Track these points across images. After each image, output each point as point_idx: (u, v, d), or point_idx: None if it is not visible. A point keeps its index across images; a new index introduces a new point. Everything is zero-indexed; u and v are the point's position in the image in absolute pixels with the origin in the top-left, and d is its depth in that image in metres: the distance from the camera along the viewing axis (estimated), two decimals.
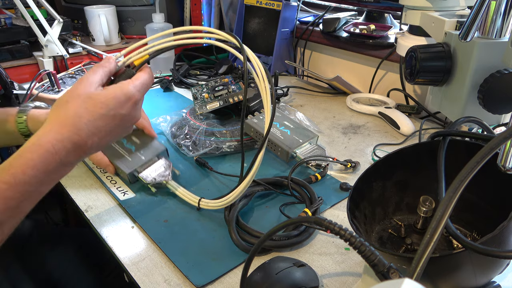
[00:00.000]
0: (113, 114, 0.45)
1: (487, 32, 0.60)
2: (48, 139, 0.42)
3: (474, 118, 0.51)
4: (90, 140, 0.44)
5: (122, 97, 0.46)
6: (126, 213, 0.62)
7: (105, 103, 0.45)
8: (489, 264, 0.40)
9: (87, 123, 0.44)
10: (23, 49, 1.11)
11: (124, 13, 1.29)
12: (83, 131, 0.43)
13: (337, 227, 0.34)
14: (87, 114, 0.44)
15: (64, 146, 0.43)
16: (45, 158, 0.42)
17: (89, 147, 0.45)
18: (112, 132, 0.47)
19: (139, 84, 0.48)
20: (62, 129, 0.43)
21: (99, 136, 0.45)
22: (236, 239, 0.54)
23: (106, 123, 0.45)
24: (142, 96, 0.49)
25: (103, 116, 0.45)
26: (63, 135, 0.43)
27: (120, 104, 0.46)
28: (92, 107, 0.44)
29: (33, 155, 0.41)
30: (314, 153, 0.73)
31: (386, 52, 1.01)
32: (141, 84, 0.48)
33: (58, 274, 0.77)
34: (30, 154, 0.41)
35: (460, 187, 0.30)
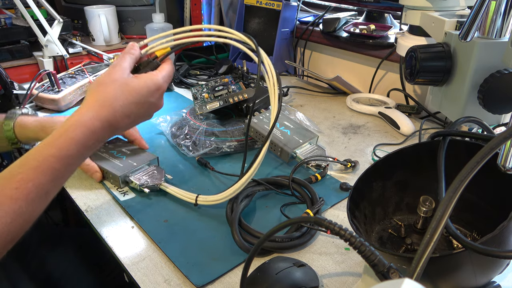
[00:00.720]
0: (144, 101, 0.52)
1: (487, 32, 0.60)
2: (89, 117, 0.48)
3: (474, 118, 0.51)
4: (123, 122, 0.51)
5: (152, 87, 0.53)
6: (126, 213, 0.62)
7: (139, 90, 0.51)
8: (489, 264, 0.40)
9: (122, 106, 0.50)
10: (23, 49, 1.11)
11: (124, 13, 1.29)
12: (118, 112, 0.50)
13: (337, 227, 0.34)
14: (123, 98, 0.50)
15: (102, 125, 0.49)
16: (85, 135, 0.47)
17: (120, 127, 0.51)
18: (140, 116, 0.54)
19: (166, 75, 0.55)
20: (101, 109, 0.49)
21: (130, 118, 0.52)
22: (239, 240, 0.54)
23: (138, 108, 0.52)
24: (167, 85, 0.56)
25: (136, 102, 0.51)
26: (101, 115, 0.49)
27: (151, 93, 0.53)
28: (127, 92, 0.51)
29: (76, 132, 0.47)
30: (314, 153, 0.73)
31: (386, 52, 1.01)
32: (168, 75, 0.55)
33: (58, 274, 0.77)
34: (74, 131, 0.47)
35: (460, 187, 0.30)
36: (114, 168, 0.68)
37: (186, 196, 0.63)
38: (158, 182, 0.65)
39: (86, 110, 0.49)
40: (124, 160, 0.70)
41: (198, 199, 0.61)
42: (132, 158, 0.71)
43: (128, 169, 0.68)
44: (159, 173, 0.67)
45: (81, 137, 0.47)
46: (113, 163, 0.70)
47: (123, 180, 0.67)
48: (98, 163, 0.69)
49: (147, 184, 0.65)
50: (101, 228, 0.59)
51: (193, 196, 0.62)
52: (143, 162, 0.69)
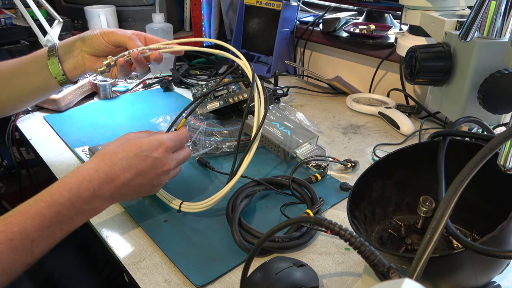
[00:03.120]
0: (146, 155, 0.52)
1: (487, 32, 0.60)
2: (86, 168, 0.48)
3: (474, 118, 0.51)
4: (123, 176, 0.50)
5: (154, 142, 0.53)
6: (126, 213, 0.62)
7: (139, 145, 0.52)
8: (489, 264, 0.40)
9: (121, 159, 0.50)
10: (23, 49, 1.10)
11: (124, 13, 1.29)
12: (116, 165, 0.49)
13: (337, 227, 0.34)
14: (122, 152, 0.51)
15: (99, 176, 0.48)
16: (80, 182, 0.47)
17: (121, 182, 0.50)
18: (144, 172, 0.52)
19: (172, 136, 0.56)
20: (99, 162, 0.49)
21: (131, 173, 0.50)
22: (239, 241, 0.54)
23: (138, 162, 0.51)
24: (174, 145, 0.56)
25: (136, 156, 0.51)
26: (99, 167, 0.49)
27: (152, 147, 0.53)
28: (128, 147, 0.52)
29: (70, 180, 0.47)
30: (314, 153, 0.73)
31: (386, 52, 1.01)
32: (174, 136, 0.56)
33: (58, 274, 0.77)
34: (68, 178, 0.47)
35: (460, 187, 0.30)
36: None
37: (171, 201, 0.61)
38: None
39: (87, 163, 0.50)
40: None
41: (182, 205, 0.60)
42: None
43: None
44: None
45: (74, 184, 0.46)
46: None
47: None
48: None
49: None
50: (101, 228, 0.59)
51: (178, 202, 0.61)
52: None
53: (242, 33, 1.28)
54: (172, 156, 0.56)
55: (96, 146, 0.74)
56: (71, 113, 0.96)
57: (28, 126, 0.90)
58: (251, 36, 1.26)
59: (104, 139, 0.84)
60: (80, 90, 1.00)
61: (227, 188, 0.58)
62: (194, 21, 1.38)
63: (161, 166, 0.53)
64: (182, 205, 0.60)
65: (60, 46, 0.67)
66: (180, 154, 0.58)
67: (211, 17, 1.40)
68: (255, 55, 1.25)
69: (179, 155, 0.58)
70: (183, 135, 0.58)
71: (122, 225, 0.60)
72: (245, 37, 1.28)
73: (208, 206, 0.58)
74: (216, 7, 1.37)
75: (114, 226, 0.60)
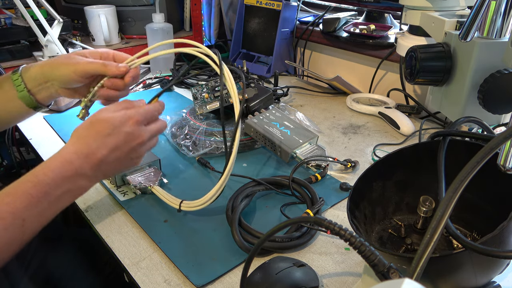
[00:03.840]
0: (118, 131, 0.53)
1: (487, 32, 0.60)
2: (66, 151, 0.51)
3: (474, 118, 0.51)
4: (99, 153, 0.51)
5: (123, 117, 0.53)
6: (126, 213, 0.62)
7: (109, 121, 0.53)
8: (489, 264, 0.40)
9: (96, 138, 0.52)
10: (23, 49, 1.10)
11: (124, 13, 1.29)
12: (92, 145, 0.51)
13: (337, 227, 0.34)
14: (95, 132, 0.52)
15: (78, 156, 0.50)
16: (62, 164, 0.49)
17: (99, 159, 0.51)
18: (118, 147, 0.53)
19: (142, 110, 0.56)
20: (76, 143, 0.52)
21: (107, 150, 0.52)
22: (239, 241, 0.54)
23: (111, 138, 0.52)
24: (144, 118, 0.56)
25: (109, 134, 0.52)
26: (76, 148, 0.51)
27: (121, 123, 0.53)
28: (98, 126, 0.53)
29: (52, 161, 0.49)
30: (314, 153, 0.73)
31: (386, 52, 1.01)
32: (143, 109, 0.56)
33: (58, 274, 0.77)
34: (50, 161, 0.50)
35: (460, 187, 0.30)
36: None
37: (171, 201, 0.62)
38: (151, 185, 0.65)
39: (64, 147, 0.52)
40: None
41: (182, 204, 0.60)
42: None
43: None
44: (155, 176, 0.67)
45: (57, 165, 0.49)
46: None
47: (119, 179, 0.67)
48: None
49: (139, 185, 0.65)
50: (101, 228, 0.59)
51: (178, 201, 0.61)
52: (143, 163, 0.69)
53: (242, 33, 1.28)
54: (145, 128, 0.56)
55: None
56: (71, 113, 0.96)
57: (28, 126, 0.90)
58: (251, 36, 1.26)
59: None
60: None
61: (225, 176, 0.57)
62: (194, 21, 1.38)
63: (134, 139, 0.54)
64: (181, 204, 0.60)
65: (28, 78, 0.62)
66: (153, 126, 0.58)
67: (211, 17, 1.40)
68: (255, 55, 1.25)
69: (152, 127, 0.58)
70: (154, 108, 0.58)
71: (122, 225, 0.60)
72: (245, 37, 1.28)
73: (208, 203, 0.58)
74: (216, 7, 1.37)
75: (114, 226, 0.60)
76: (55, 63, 0.61)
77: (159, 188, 0.65)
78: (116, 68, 0.59)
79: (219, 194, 0.58)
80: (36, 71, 0.62)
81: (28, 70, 0.62)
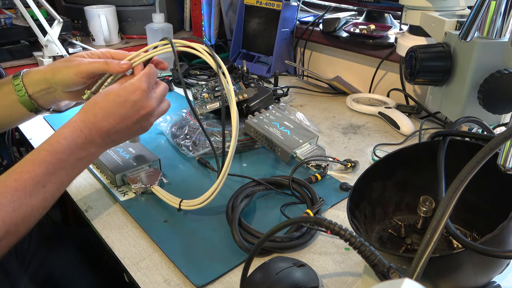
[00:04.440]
0: (124, 100, 0.54)
1: (487, 32, 0.60)
2: (74, 120, 0.54)
3: (474, 118, 0.51)
4: (107, 122, 0.54)
5: (130, 87, 0.55)
6: (126, 213, 0.62)
7: (116, 92, 0.55)
8: (489, 264, 0.40)
9: (102, 108, 0.54)
10: (23, 49, 1.11)
11: (124, 13, 1.29)
12: (99, 114, 0.54)
13: (337, 227, 0.34)
14: (102, 101, 0.54)
15: (86, 125, 0.53)
16: (73, 132, 0.52)
17: (107, 128, 0.54)
18: (127, 116, 0.55)
19: (142, 76, 0.57)
20: (84, 114, 0.54)
21: (114, 119, 0.54)
22: (239, 241, 0.54)
23: (119, 108, 0.54)
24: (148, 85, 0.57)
25: (116, 103, 0.54)
26: (84, 117, 0.54)
27: (128, 92, 0.55)
28: (106, 96, 0.55)
29: (64, 130, 0.52)
30: (314, 153, 0.73)
31: (386, 52, 1.01)
32: (143, 75, 0.57)
33: (58, 274, 0.77)
34: (62, 130, 0.52)
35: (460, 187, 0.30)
36: (113, 166, 0.68)
37: (171, 200, 0.62)
38: (151, 185, 0.65)
39: (73, 117, 0.54)
40: (126, 159, 0.70)
41: (181, 203, 0.60)
42: (134, 158, 0.71)
43: (126, 169, 0.68)
44: (155, 176, 0.67)
45: (69, 134, 0.52)
46: (115, 160, 0.70)
47: (119, 179, 0.67)
48: (101, 157, 0.70)
49: (139, 186, 0.65)
50: (101, 228, 0.59)
51: (177, 200, 0.61)
52: (143, 163, 0.69)
53: (242, 33, 1.28)
54: (151, 95, 0.57)
55: None
56: (71, 113, 0.96)
57: (28, 126, 0.90)
58: (251, 36, 1.26)
59: None
60: None
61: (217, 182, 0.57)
62: (194, 21, 1.38)
63: (142, 108, 0.56)
64: (181, 203, 0.60)
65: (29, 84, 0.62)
66: (157, 91, 0.59)
67: (211, 17, 1.40)
68: (255, 55, 1.25)
69: (157, 93, 0.59)
70: (151, 70, 0.59)
71: (122, 225, 0.60)
72: (245, 37, 1.28)
73: (207, 201, 0.58)
74: (216, 7, 1.37)
75: (114, 226, 0.60)
76: (56, 67, 0.61)
77: (159, 188, 0.65)
78: (118, 66, 0.59)
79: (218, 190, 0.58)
80: (39, 78, 0.62)
81: (29, 75, 0.62)
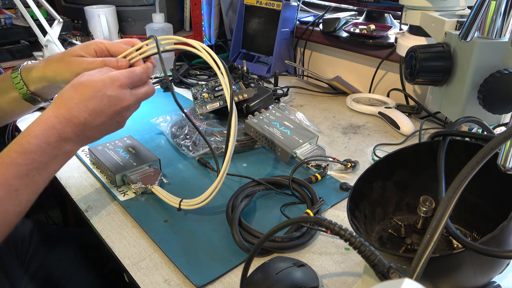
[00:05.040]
0: (101, 95, 0.51)
1: (487, 32, 0.60)
2: (46, 117, 0.50)
3: (474, 118, 0.51)
4: (82, 117, 0.51)
5: (107, 80, 0.52)
6: (126, 213, 0.62)
7: (93, 86, 0.51)
8: (489, 264, 0.40)
9: (77, 103, 0.50)
10: (23, 49, 1.10)
11: (124, 13, 1.29)
12: (74, 109, 0.50)
13: (337, 227, 0.34)
14: (77, 95, 0.51)
15: (60, 121, 0.49)
16: (44, 129, 0.48)
17: (82, 124, 0.51)
18: (102, 111, 0.52)
19: (126, 72, 0.54)
20: (57, 109, 0.50)
21: (90, 114, 0.51)
22: (239, 241, 0.54)
23: (94, 103, 0.51)
24: (130, 82, 0.54)
25: (91, 97, 0.51)
26: (58, 113, 0.50)
27: (105, 86, 0.52)
28: (82, 90, 0.51)
29: (35, 128, 0.48)
30: (314, 153, 0.73)
31: (386, 52, 1.01)
32: (128, 71, 0.54)
33: (58, 274, 0.77)
34: (33, 127, 0.48)
35: (460, 187, 0.30)
36: (113, 166, 0.68)
37: (171, 200, 0.62)
38: (151, 185, 0.65)
39: (47, 111, 0.51)
40: (126, 159, 0.70)
41: (181, 203, 0.60)
42: (134, 158, 0.71)
43: (126, 169, 0.68)
44: (155, 176, 0.67)
45: (40, 132, 0.48)
46: (115, 160, 0.70)
47: (119, 179, 0.67)
48: (101, 158, 0.70)
49: (139, 185, 0.65)
50: (101, 228, 0.59)
51: (177, 200, 0.61)
52: (143, 163, 0.69)
53: (242, 33, 1.28)
54: (130, 92, 0.54)
55: (96, 146, 0.74)
56: None
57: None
58: (251, 36, 1.26)
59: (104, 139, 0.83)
60: None
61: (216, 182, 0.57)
62: (194, 21, 1.38)
63: (118, 103, 0.53)
64: (181, 203, 0.60)
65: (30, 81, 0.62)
66: (139, 90, 0.56)
67: (211, 17, 1.40)
68: (255, 55, 1.25)
69: (138, 92, 0.56)
70: (141, 70, 0.56)
71: (122, 225, 0.60)
72: (245, 37, 1.28)
73: (207, 201, 0.58)
74: (216, 7, 1.37)
75: (114, 226, 0.60)
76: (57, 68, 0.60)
77: (159, 188, 0.65)
78: (116, 64, 0.58)
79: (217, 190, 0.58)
80: (39, 76, 0.61)
81: (28, 73, 0.62)
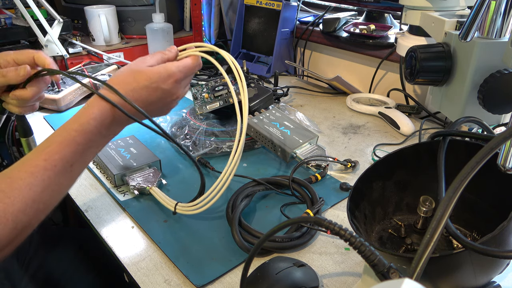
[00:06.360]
0: (155, 86, 0.53)
1: (487, 32, 0.60)
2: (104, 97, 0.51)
3: (474, 118, 0.51)
4: None
5: (164, 73, 0.53)
6: (126, 213, 0.62)
7: (150, 76, 0.53)
8: (489, 264, 0.40)
9: (132, 90, 0.52)
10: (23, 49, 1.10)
11: (124, 13, 1.29)
12: (128, 95, 0.52)
13: (337, 227, 0.34)
14: (133, 82, 0.52)
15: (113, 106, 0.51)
16: (102, 112, 0.50)
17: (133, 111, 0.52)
18: (154, 103, 0.54)
19: (182, 65, 0.56)
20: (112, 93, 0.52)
21: (142, 103, 0.53)
22: (239, 241, 0.54)
23: (149, 94, 0.53)
24: (184, 76, 0.56)
25: (146, 87, 0.53)
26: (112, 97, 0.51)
27: (162, 79, 0.53)
28: (139, 78, 0.53)
29: (94, 109, 0.50)
30: (314, 153, 0.73)
31: (386, 52, 1.01)
32: (184, 66, 0.56)
33: (58, 274, 0.77)
34: (91, 108, 0.50)
35: (460, 187, 0.30)
36: (113, 166, 0.68)
37: (167, 202, 0.61)
38: (149, 186, 0.65)
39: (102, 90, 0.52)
40: (127, 159, 0.70)
41: (177, 207, 0.60)
42: (135, 158, 0.71)
43: (126, 169, 0.68)
44: (155, 177, 0.67)
45: (98, 114, 0.50)
46: (115, 160, 0.70)
47: (119, 178, 0.67)
48: (102, 157, 0.70)
49: (138, 186, 0.65)
50: (101, 228, 0.60)
51: (173, 203, 0.60)
52: (143, 163, 0.69)
53: (242, 33, 1.28)
54: (181, 85, 0.57)
55: None
56: (71, 113, 0.96)
57: None
58: (251, 36, 1.26)
59: None
60: (80, 90, 1.00)
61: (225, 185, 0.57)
62: (194, 21, 1.38)
63: (170, 96, 0.55)
64: (177, 207, 0.60)
65: None
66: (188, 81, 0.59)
67: (211, 17, 1.40)
68: (255, 55, 1.25)
69: (186, 81, 0.58)
70: (195, 63, 0.58)
71: (122, 225, 0.60)
72: (245, 37, 1.28)
73: (202, 209, 0.58)
74: (216, 7, 1.37)
75: (114, 226, 0.60)
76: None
77: (157, 189, 0.65)
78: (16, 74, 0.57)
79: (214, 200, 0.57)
80: None
81: None
